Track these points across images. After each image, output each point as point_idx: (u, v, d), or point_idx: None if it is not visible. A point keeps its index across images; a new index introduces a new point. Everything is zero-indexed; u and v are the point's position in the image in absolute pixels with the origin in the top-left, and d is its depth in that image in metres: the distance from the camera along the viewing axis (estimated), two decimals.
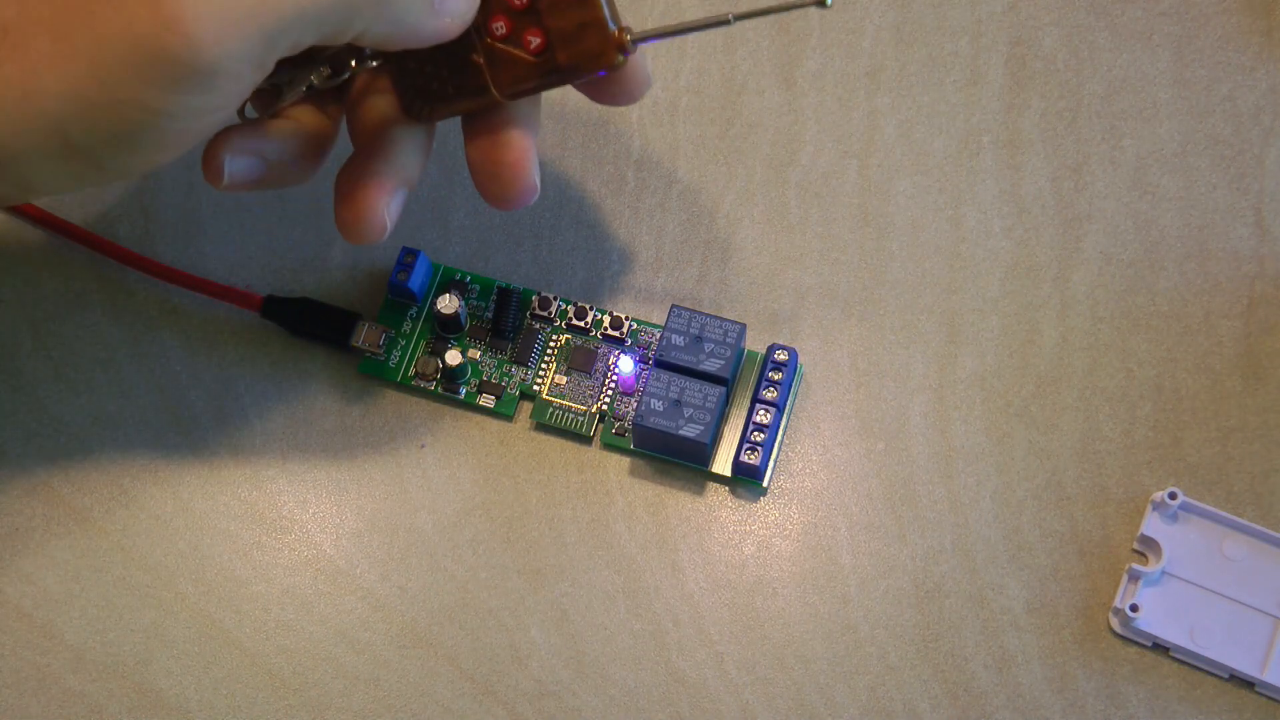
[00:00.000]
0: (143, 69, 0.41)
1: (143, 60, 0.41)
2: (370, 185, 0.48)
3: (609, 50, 0.47)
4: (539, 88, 0.48)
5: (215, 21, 0.41)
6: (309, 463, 0.54)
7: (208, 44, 0.41)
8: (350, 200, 0.48)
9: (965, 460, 0.54)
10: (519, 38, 0.47)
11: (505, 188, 0.49)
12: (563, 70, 0.47)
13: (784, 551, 0.53)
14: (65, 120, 0.42)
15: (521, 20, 0.47)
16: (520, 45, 0.47)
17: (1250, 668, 0.51)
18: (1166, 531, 0.52)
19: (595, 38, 0.47)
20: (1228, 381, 0.54)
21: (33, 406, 0.55)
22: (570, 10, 0.47)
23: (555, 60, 0.47)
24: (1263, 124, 0.57)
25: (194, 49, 0.41)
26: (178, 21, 0.40)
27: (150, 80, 0.41)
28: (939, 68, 0.59)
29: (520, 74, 0.47)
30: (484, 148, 0.49)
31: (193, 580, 0.53)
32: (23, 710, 0.52)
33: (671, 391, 0.52)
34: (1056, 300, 0.56)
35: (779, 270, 0.56)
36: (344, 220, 0.48)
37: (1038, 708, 0.51)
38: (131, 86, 0.41)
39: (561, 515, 0.54)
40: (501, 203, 0.50)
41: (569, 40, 0.47)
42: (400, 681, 0.52)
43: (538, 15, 0.47)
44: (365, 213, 0.48)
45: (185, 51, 0.41)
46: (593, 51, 0.47)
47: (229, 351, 0.56)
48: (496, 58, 0.47)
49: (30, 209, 0.56)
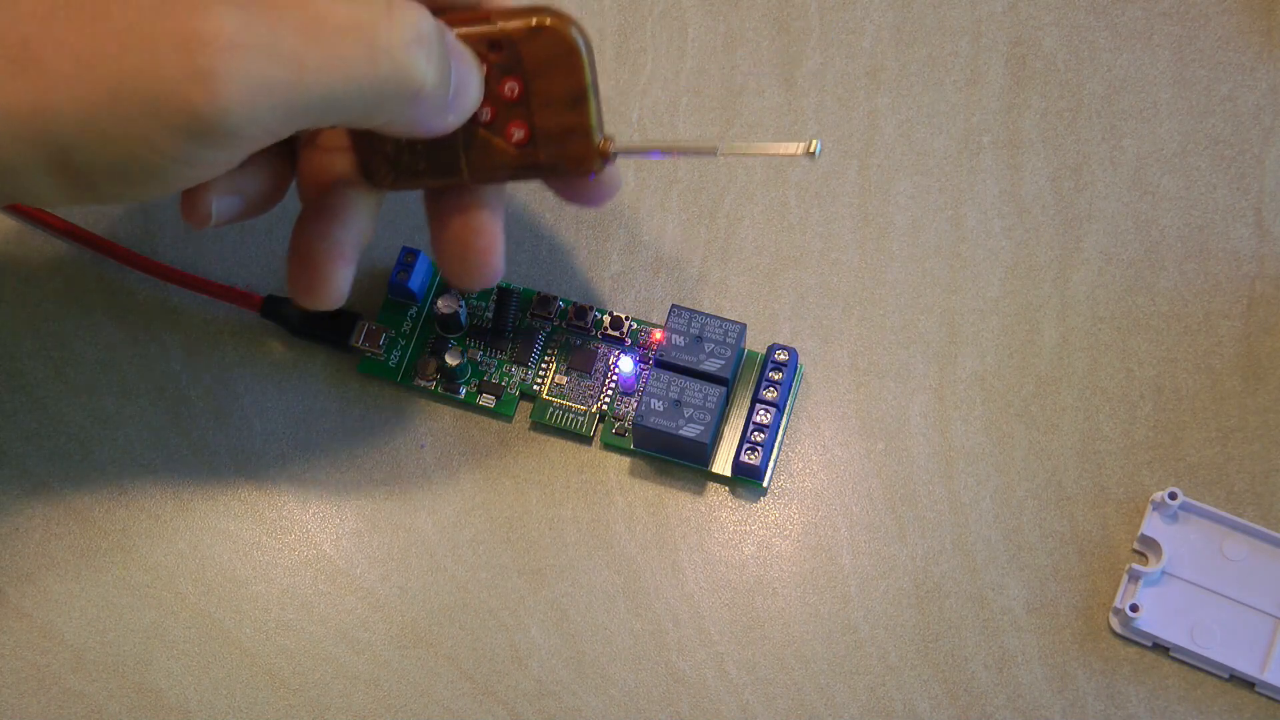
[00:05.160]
0: (163, 114, 0.41)
1: (165, 106, 0.41)
2: (330, 253, 0.48)
3: (590, 157, 0.47)
4: (510, 178, 0.48)
5: (245, 87, 0.41)
6: (309, 463, 0.54)
7: (233, 106, 0.41)
8: (310, 266, 0.48)
9: (965, 460, 0.54)
10: (503, 127, 0.47)
11: (473, 272, 0.49)
12: (540, 167, 0.47)
13: (784, 551, 0.53)
14: (71, 145, 0.41)
15: (509, 111, 0.47)
16: (502, 135, 0.47)
17: (1250, 668, 0.51)
18: (1166, 531, 0.52)
19: (580, 143, 0.47)
20: (1228, 381, 0.54)
21: (33, 406, 0.55)
22: (561, 113, 0.47)
23: (535, 156, 0.47)
24: (1263, 124, 0.57)
25: (218, 108, 0.40)
26: (210, 77, 0.40)
27: (167, 126, 0.41)
28: (939, 68, 0.59)
29: (496, 163, 0.47)
30: (454, 229, 0.49)
31: (193, 580, 0.53)
32: (23, 710, 0.52)
33: (671, 391, 0.52)
34: (1056, 300, 0.56)
35: (779, 270, 0.56)
36: (302, 285, 0.48)
37: (1038, 708, 0.51)
38: (147, 127, 0.41)
39: (561, 515, 0.54)
40: (467, 284, 0.49)
41: (553, 140, 0.47)
42: (400, 681, 0.52)
43: (527, 110, 0.47)
44: (326, 282, 0.48)
45: (209, 108, 0.40)
46: (575, 156, 0.47)
47: (229, 351, 0.56)
48: (476, 142, 0.47)
49: (30, 209, 0.56)
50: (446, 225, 0.49)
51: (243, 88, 0.41)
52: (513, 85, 0.46)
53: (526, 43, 0.46)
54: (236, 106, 0.41)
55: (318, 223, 0.48)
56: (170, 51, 0.40)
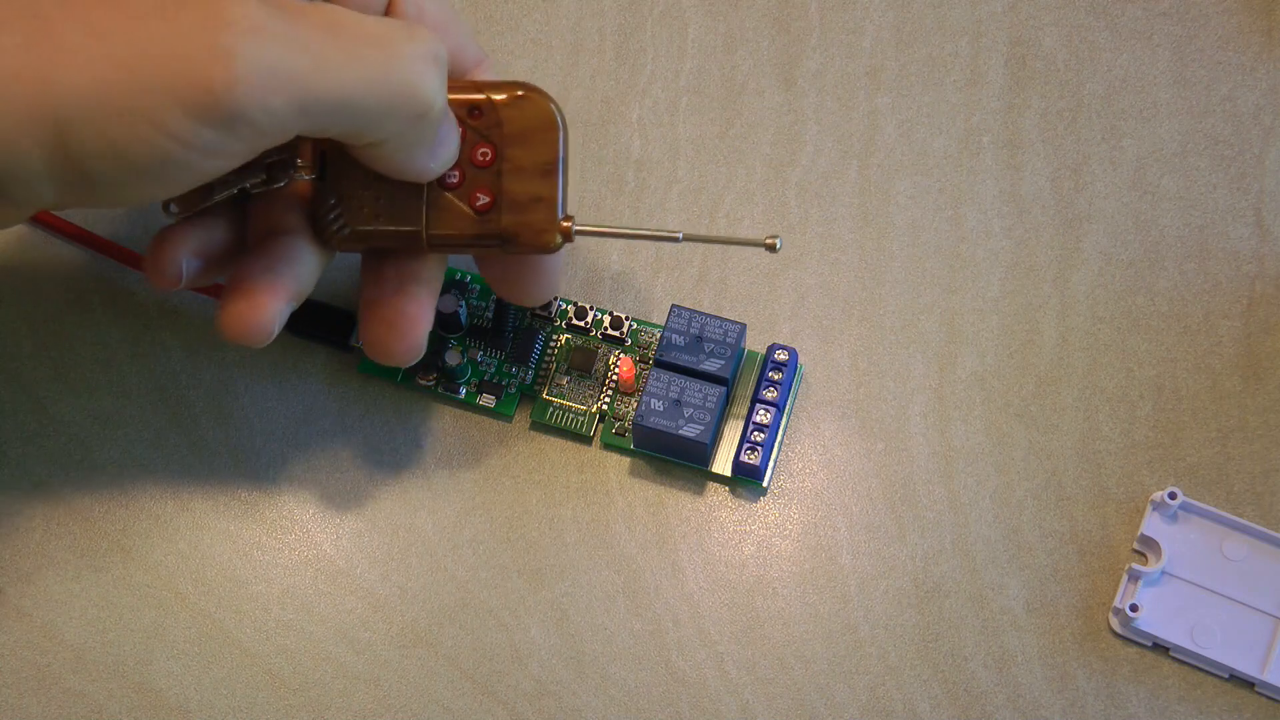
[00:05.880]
0: (178, 91, 0.41)
1: (181, 82, 0.41)
2: (267, 288, 0.47)
3: (551, 230, 0.48)
4: (465, 247, 0.48)
5: (263, 73, 0.41)
6: (309, 463, 0.54)
7: (250, 90, 0.41)
8: (242, 297, 0.47)
9: (965, 460, 0.54)
10: (468, 193, 0.48)
11: (395, 341, 0.49)
12: (499, 235, 0.48)
13: (784, 551, 0.53)
14: (76, 123, 0.41)
15: (477, 176, 0.48)
16: (467, 200, 0.48)
17: (1250, 668, 0.51)
18: (1166, 531, 0.52)
19: (543, 214, 0.48)
20: (1228, 381, 0.54)
21: (33, 406, 0.55)
22: (530, 181, 0.48)
23: (497, 223, 0.48)
24: (1263, 124, 0.57)
25: (233, 90, 0.41)
26: (229, 57, 0.40)
27: (181, 104, 0.41)
28: (939, 68, 0.59)
29: (457, 227, 0.48)
30: (385, 292, 0.49)
31: (193, 580, 0.53)
32: (23, 710, 0.52)
33: (671, 391, 0.52)
34: (1056, 300, 0.56)
35: (779, 270, 0.56)
36: (230, 315, 0.47)
37: (1038, 708, 0.51)
38: (160, 105, 0.41)
39: (561, 515, 0.54)
40: (383, 355, 0.49)
41: (517, 209, 0.48)
42: (400, 681, 0.52)
43: (497, 177, 0.48)
44: (256, 315, 0.47)
45: (224, 88, 0.41)
46: (536, 227, 0.48)
47: (229, 351, 0.56)
48: (439, 204, 0.48)
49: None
50: (380, 287, 0.49)
51: (262, 72, 0.41)
52: (485, 151, 0.48)
53: (508, 108, 0.48)
54: (253, 90, 0.41)
55: (260, 258, 0.48)
56: (192, 29, 0.41)
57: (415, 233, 0.48)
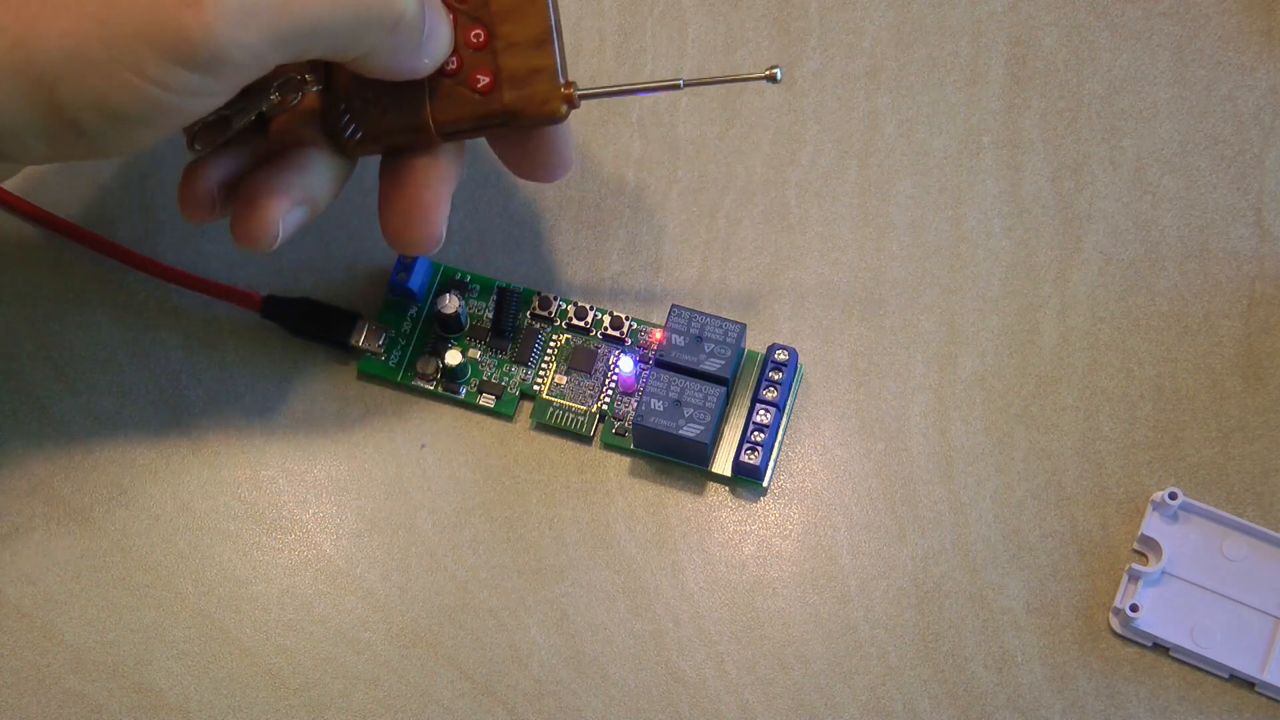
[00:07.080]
0: (153, 39, 0.41)
1: (155, 30, 0.41)
2: (270, 192, 0.48)
3: (555, 99, 0.48)
4: (475, 130, 0.48)
5: (234, 11, 0.41)
6: (309, 463, 0.54)
7: (223, 30, 0.41)
8: (247, 204, 0.48)
9: (965, 460, 0.54)
10: (468, 76, 0.48)
11: (412, 228, 0.49)
12: (505, 113, 0.48)
13: (784, 551, 0.53)
14: (57, 78, 0.42)
15: (475, 59, 0.48)
16: (468, 83, 0.48)
17: (1250, 668, 0.51)
18: (1166, 531, 0.52)
19: (544, 85, 0.48)
20: (1228, 381, 0.54)
21: (33, 406, 0.55)
22: (526, 54, 0.48)
23: (501, 101, 0.48)
24: (1263, 124, 0.57)
25: (209, 31, 0.41)
26: (200, 1, 0.41)
27: (157, 51, 0.41)
28: (939, 68, 0.59)
29: (462, 112, 0.48)
30: (401, 184, 0.49)
31: (193, 580, 0.53)
32: (23, 710, 0.52)
33: (671, 391, 0.52)
34: (1056, 300, 0.56)
35: (779, 270, 0.56)
36: (236, 220, 0.48)
37: (1038, 708, 0.51)
38: (136, 54, 0.41)
39: (561, 515, 0.54)
40: (403, 244, 0.49)
41: (518, 83, 0.48)
42: (400, 681, 0.52)
43: (493, 55, 0.48)
44: (259, 218, 0.47)
45: (199, 31, 0.41)
46: (539, 98, 0.48)
47: (229, 351, 0.56)
48: (441, 93, 0.48)
49: (31, 208, 0.56)
50: (396, 181, 0.49)
51: (233, 12, 0.41)
52: (478, 33, 0.48)
53: None
54: (227, 29, 0.41)
55: (271, 167, 0.48)
56: None
57: (423, 123, 0.48)
